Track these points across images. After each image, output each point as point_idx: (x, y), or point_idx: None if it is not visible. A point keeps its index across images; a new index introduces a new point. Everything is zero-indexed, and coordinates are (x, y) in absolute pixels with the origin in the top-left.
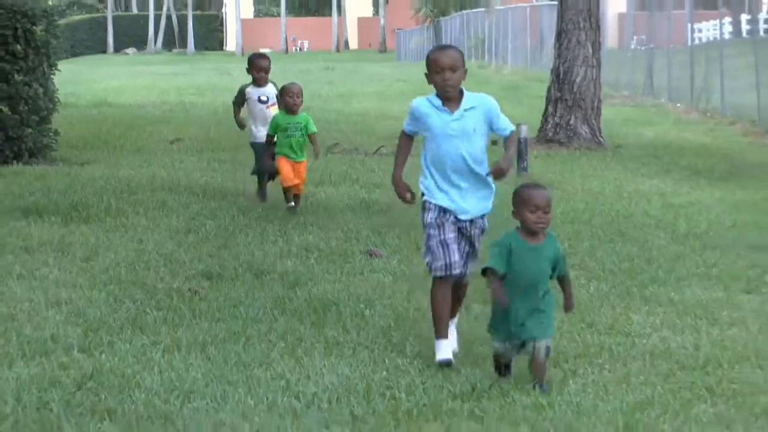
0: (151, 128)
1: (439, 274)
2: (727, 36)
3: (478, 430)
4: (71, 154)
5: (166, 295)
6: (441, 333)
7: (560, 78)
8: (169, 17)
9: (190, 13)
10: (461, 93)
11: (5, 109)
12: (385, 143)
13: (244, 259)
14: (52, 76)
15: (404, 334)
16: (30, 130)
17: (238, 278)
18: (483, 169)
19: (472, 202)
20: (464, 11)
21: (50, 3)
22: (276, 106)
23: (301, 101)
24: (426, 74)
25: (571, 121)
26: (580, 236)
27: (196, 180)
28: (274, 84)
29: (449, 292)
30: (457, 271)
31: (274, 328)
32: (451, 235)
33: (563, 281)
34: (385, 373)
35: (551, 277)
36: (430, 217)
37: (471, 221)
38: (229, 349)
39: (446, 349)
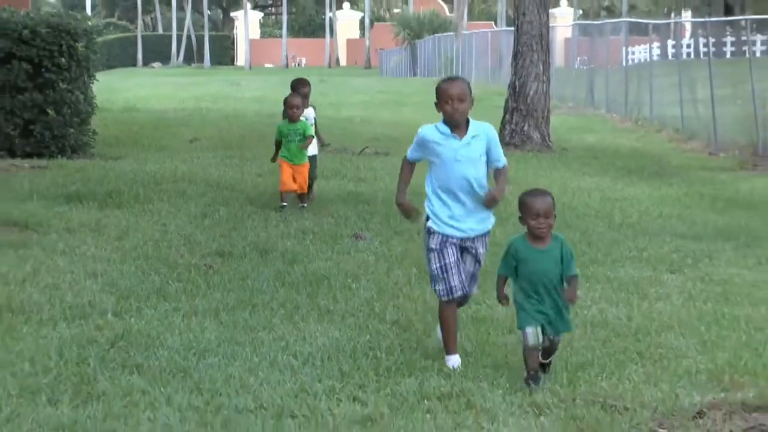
0: (173, 129)
1: (443, 297)
2: (655, 58)
3: (445, 385)
4: (106, 150)
5: (185, 269)
6: (450, 350)
7: (516, 91)
8: (189, 37)
9: (206, 34)
10: (467, 121)
11: (52, 112)
12: (369, 144)
13: (251, 239)
14: (90, 85)
15: (385, 304)
16: (72, 130)
17: (245, 256)
18: (483, 187)
19: (473, 222)
20: (436, 35)
21: (89, 24)
22: (313, 126)
23: (301, 111)
24: (435, 103)
25: (525, 128)
26: (499, 213)
27: (211, 173)
28: (314, 107)
29: (455, 311)
30: (459, 293)
31: (275, 297)
32: (452, 259)
33: (569, 281)
34: (368, 336)
35: (561, 278)
36: (434, 242)
37: (473, 239)
38: (237, 315)
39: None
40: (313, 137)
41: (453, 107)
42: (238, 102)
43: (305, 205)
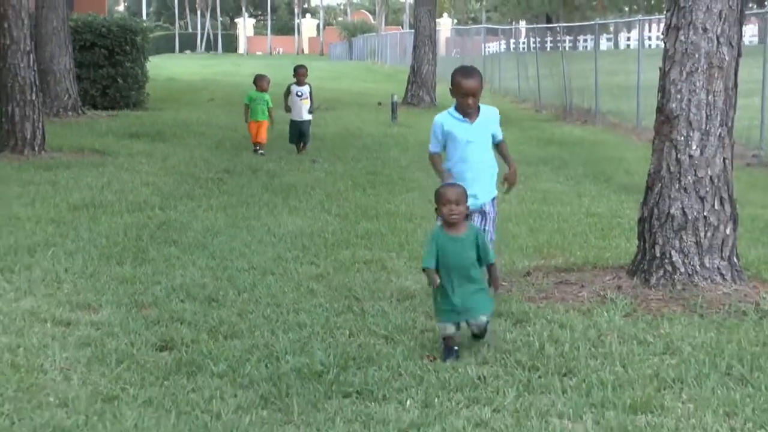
0: (197, 93)
1: None
2: (502, 50)
3: (368, 255)
4: (155, 105)
5: (205, 180)
6: None
7: (415, 71)
8: (208, 34)
9: (219, 32)
10: (478, 107)
11: (120, 81)
12: (321, 103)
13: (246, 162)
14: (145, 64)
15: (331, 204)
16: (133, 92)
17: (243, 173)
18: (492, 163)
19: (481, 194)
20: (365, 34)
21: (144, 24)
22: (308, 100)
23: (268, 86)
24: (450, 89)
25: (420, 93)
26: (406, 145)
27: (221, 120)
28: (310, 85)
29: None
30: None
31: (262, 199)
32: None
33: (489, 269)
34: (320, 224)
35: (480, 265)
36: None
37: (481, 206)
38: (237, 210)
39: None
40: (272, 108)
41: (467, 102)
42: (239, 76)
43: (263, 152)
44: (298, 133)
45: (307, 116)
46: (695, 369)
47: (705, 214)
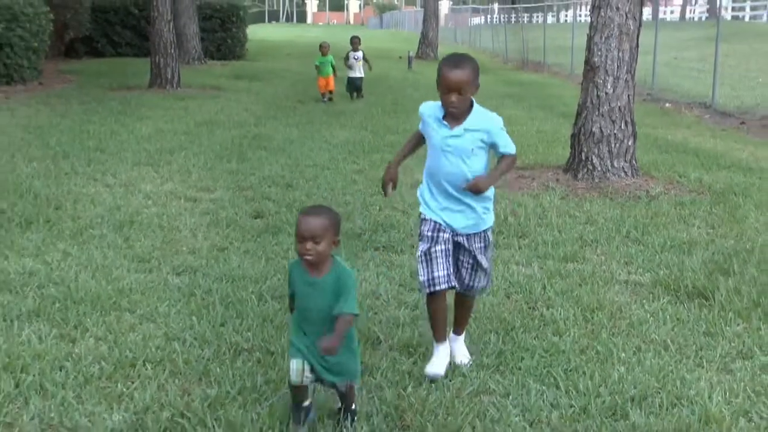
0: (280, 49)
1: (425, 288)
2: (482, 23)
3: (391, 157)
4: (252, 57)
5: (284, 107)
6: (438, 338)
7: (424, 36)
8: (287, 10)
9: (294, 9)
10: (471, 106)
11: (229, 41)
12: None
13: (312, 96)
14: (245, 29)
15: (368, 123)
16: (237, 48)
17: (309, 103)
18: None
19: (463, 220)
20: (391, 11)
21: (245, 4)
22: (361, 61)
23: (329, 50)
24: (437, 81)
25: (427, 51)
26: (418, 85)
27: (296, 68)
28: (363, 51)
29: (441, 304)
30: (443, 286)
31: (322, 120)
32: (440, 247)
33: (338, 320)
34: (360, 136)
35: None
36: (425, 229)
37: (466, 236)
38: (305, 127)
39: (439, 362)
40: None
41: (449, 99)
42: (307, 38)
43: (331, 99)
44: (354, 86)
45: (359, 74)
46: (606, 233)
47: (615, 132)
